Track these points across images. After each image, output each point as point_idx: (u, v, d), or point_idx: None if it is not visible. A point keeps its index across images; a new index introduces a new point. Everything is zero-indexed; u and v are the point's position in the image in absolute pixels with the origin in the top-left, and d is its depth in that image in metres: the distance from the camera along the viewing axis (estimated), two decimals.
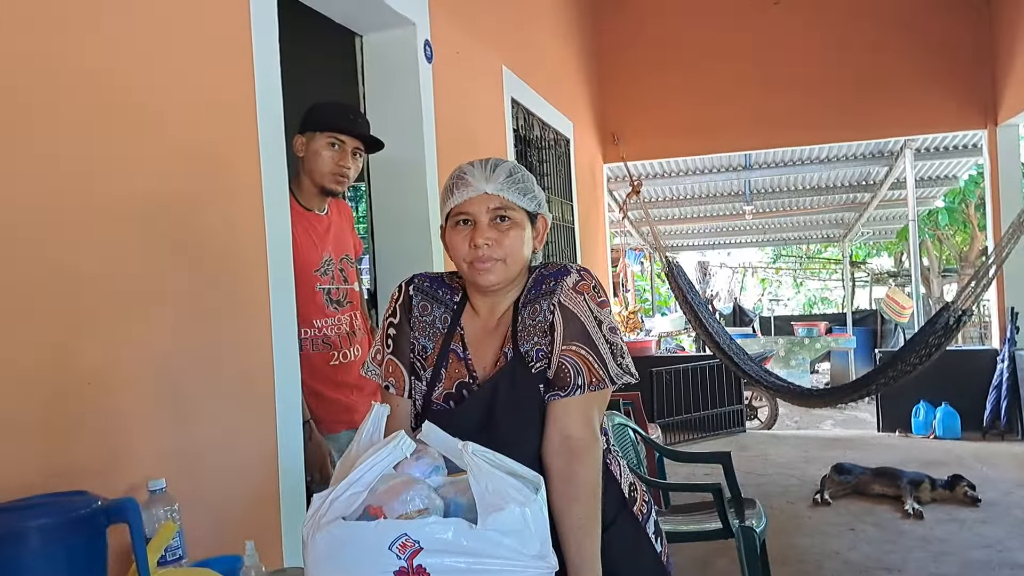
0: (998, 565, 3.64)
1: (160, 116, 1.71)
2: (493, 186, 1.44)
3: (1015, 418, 6.07)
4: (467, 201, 1.44)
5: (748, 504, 3.27)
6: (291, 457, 2.06)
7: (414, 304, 1.55)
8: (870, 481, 4.79)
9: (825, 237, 12.14)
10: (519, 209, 1.46)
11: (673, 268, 6.22)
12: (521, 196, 1.46)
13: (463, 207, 1.45)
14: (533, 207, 1.49)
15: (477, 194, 1.44)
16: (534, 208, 1.49)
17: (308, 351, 2.26)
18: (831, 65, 6.40)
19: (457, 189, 1.45)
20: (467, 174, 1.45)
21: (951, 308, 4.64)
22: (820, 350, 9.82)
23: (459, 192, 1.45)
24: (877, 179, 8.77)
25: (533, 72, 4.70)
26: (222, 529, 1.80)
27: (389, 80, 3.04)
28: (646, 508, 1.56)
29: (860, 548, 3.94)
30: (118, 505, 1.26)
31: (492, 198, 1.44)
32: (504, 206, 1.45)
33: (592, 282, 1.48)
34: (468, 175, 1.45)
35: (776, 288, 19.51)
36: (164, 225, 1.71)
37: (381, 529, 1.02)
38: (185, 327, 1.75)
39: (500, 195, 1.44)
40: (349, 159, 2.33)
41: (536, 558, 1.05)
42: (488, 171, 1.45)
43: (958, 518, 4.32)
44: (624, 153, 6.80)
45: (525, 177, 1.48)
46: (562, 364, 1.41)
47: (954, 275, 12.63)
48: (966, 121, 6.36)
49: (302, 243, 2.24)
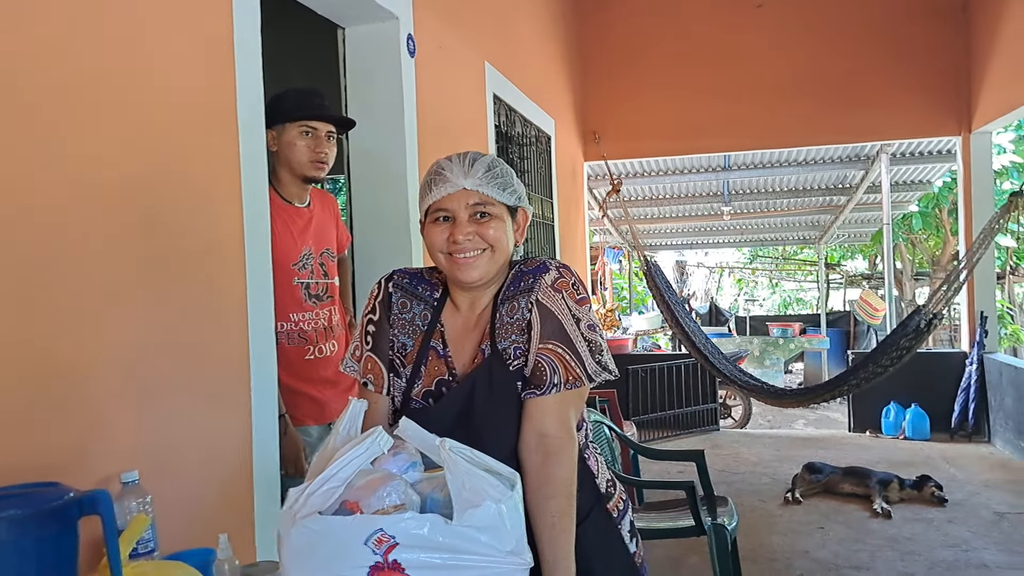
0: (964, 565, 3.71)
1: (136, 104, 1.69)
2: (472, 181, 1.42)
3: (982, 420, 6.18)
4: (446, 197, 1.43)
5: (720, 502, 3.31)
6: (266, 451, 2.05)
7: (394, 301, 1.54)
8: (840, 480, 4.86)
9: (801, 239, 12.25)
10: (498, 204, 1.45)
11: (651, 267, 6.25)
12: (500, 191, 1.45)
13: (442, 203, 1.44)
14: (513, 201, 1.48)
15: (456, 190, 1.42)
16: (514, 202, 1.49)
17: (284, 345, 2.25)
18: (811, 69, 6.47)
19: (435, 185, 1.44)
20: (445, 169, 1.44)
21: (922, 311, 4.70)
22: (794, 351, 9.92)
23: (437, 188, 1.43)
24: (853, 182, 8.86)
25: (515, 69, 4.71)
26: (195, 522, 1.79)
27: (371, 74, 3.02)
28: (622, 505, 1.58)
29: (829, 547, 4.00)
30: (90, 497, 1.25)
31: (471, 194, 1.43)
32: (483, 201, 1.44)
33: (571, 279, 1.48)
34: (446, 170, 1.43)
35: (752, 289, 19.66)
36: (139, 217, 1.69)
37: (357, 524, 1.02)
38: (160, 320, 1.74)
39: (479, 190, 1.43)
40: (324, 144, 2.33)
41: (511, 554, 1.06)
42: (466, 166, 1.43)
43: (925, 518, 4.39)
44: (605, 151, 6.82)
45: (504, 171, 1.47)
46: (538, 362, 1.41)
47: (926, 279, 12.78)
48: (941, 127, 6.45)
49: (281, 236, 2.23)
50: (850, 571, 3.68)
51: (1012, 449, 5.69)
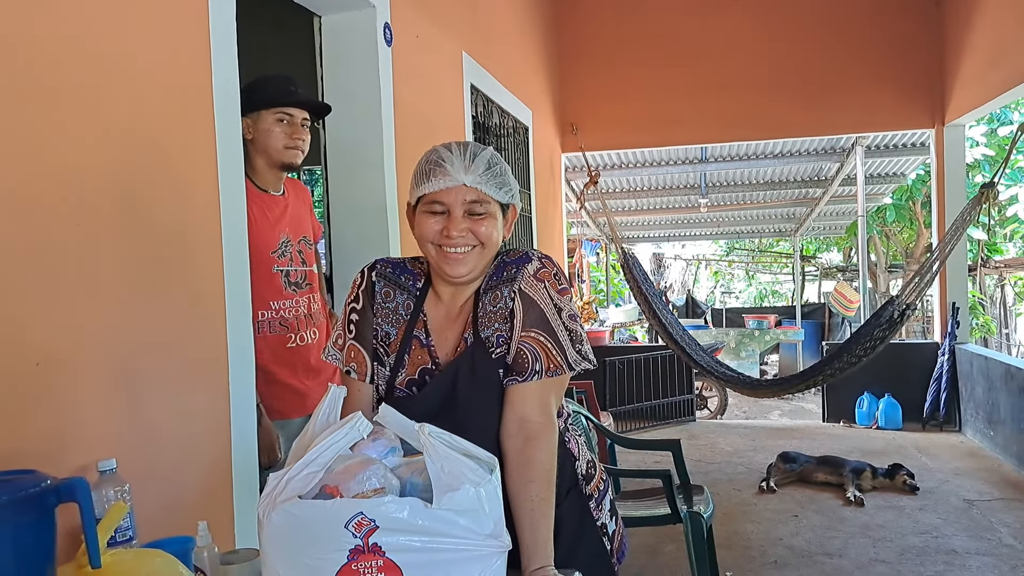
0: (934, 551, 3.78)
1: (111, 92, 1.68)
2: (472, 178, 1.41)
3: (953, 410, 6.28)
4: (443, 191, 1.41)
5: (696, 491, 3.34)
6: (244, 438, 2.05)
7: (377, 290, 1.54)
8: (814, 469, 4.93)
9: (777, 231, 12.36)
10: (494, 201, 1.45)
11: (628, 259, 6.28)
12: (497, 189, 1.45)
13: (438, 195, 1.42)
14: (507, 199, 1.48)
15: (455, 184, 1.41)
16: (507, 200, 1.49)
17: (265, 333, 2.25)
18: (787, 62, 6.53)
19: (434, 176, 1.41)
20: (445, 161, 1.41)
21: (895, 302, 4.77)
22: (769, 342, 10.02)
23: (436, 180, 1.41)
24: (828, 175, 8.95)
25: (493, 59, 4.70)
26: (174, 510, 1.78)
27: (348, 62, 3.00)
28: (603, 486, 1.61)
29: (803, 534, 4.05)
30: (67, 485, 1.24)
31: (469, 191, 1.41)
32: (480, 199, 1.43)
33: (553, 269, 1.49)
34: (446, 163, 1.41)
35: (729, 281, 19.82)
36: (115, 204, 1.67)
37: (337, 508, 1.03)
38: (137, 307, 1.73)
39: (477, 188, 1.42)
40: (300, 131, 2.32)
41: (490, 537, 1.07)
42: (467, 160, 1.42)
43: (897, 505, 4.46)
44: (582, 143, 6.84)
45: (503, 169, 1.47)
46: (520, 350, 1.43)
47: (900, 271, 12.95)
48: (915, 120, 6.53)
49: (259, 224, 2.22)
50: (823, 558, 3.74)
51: (982, 438, 5.79)
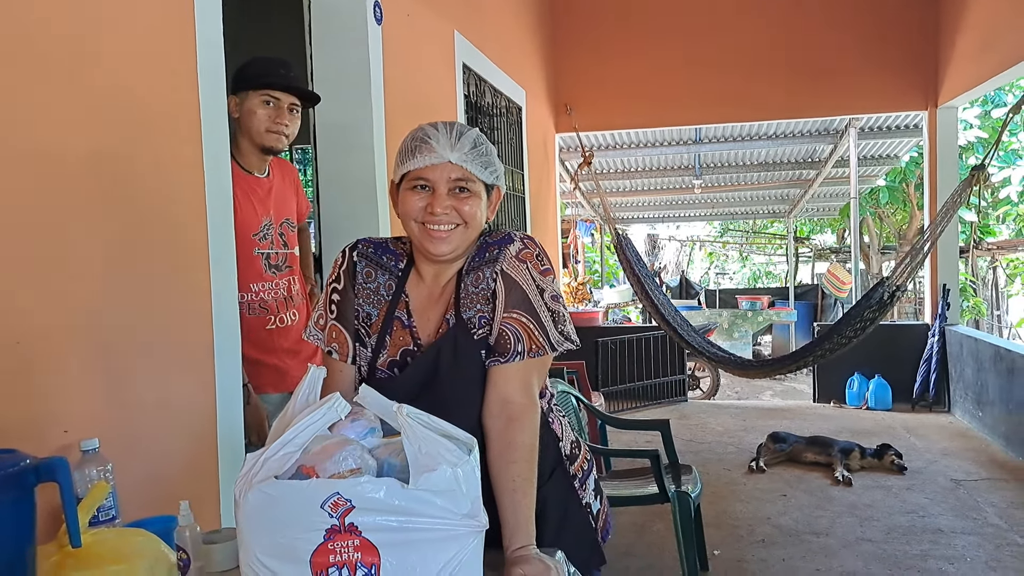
0: (920, 530, 3.82)
1: (92, 68, 1.66)
2: (457, 155, 1.41)
3: (943, 390, 6.32)
4: (428, 168, 1.41)
5: (685, 470, 3.36)
6: (230, 419, 2.05)
7: (358, 270, 1.54)
8: (803, 449, 4.96)
9: (771, 212, 12.35)
10: (478, 180, 1.45)
11: (622, 240, 6.28)
12: (483, 168, 1.45)
13: (423, 172, 1.42)
14: (492, 179, 1.48)
15: (440, 162, 1.41)
16: (492, 180, 1.49)
17: (245, 315, 2.24)
18: (781, 43, 6.50)
19: (419, 152, 1.41)
20: (431, 138, 1.41)
21: (886, 284, 4.78)
22: (762, 323, 10.04)
23: (421, 156, 1.41)
24: (822, 156, 8.94)
25: (485, 38, 4.67)
26: (160, 490, 1.79)
27: (337, 41, 2.98)
28: (587, 466, 1.61)
29: (791, 513, 4.09)
30: (47, 464, 1.24)
31: (454, 168, 1.42)
32: (465, 177, 1.43)
33: (535, 250, 1.49)
34: (432, 140, 1.41)
35: (723, 262, 19.83)
36: (98, 182, 1.66)
37: (313, 488, 1.03)
38: (121, 286, 1.72)
39: (463, 166, 1.42)
40: (286, 115, 2.29)
41: (467, 517, 1.07)
42: (453, 138, 1.42)
43: (884, 485, 4.50)
44: (576, 123, 6.81)
45: (488, 149, 1.47)
46: (503, 331, 1.43)
47: (893, 252, 12.96)
48: (908, 102, 6.52)
49: (242, 207, 2.21)
50: (810, 536, 3.77)
51: (971, 419, 5.83)
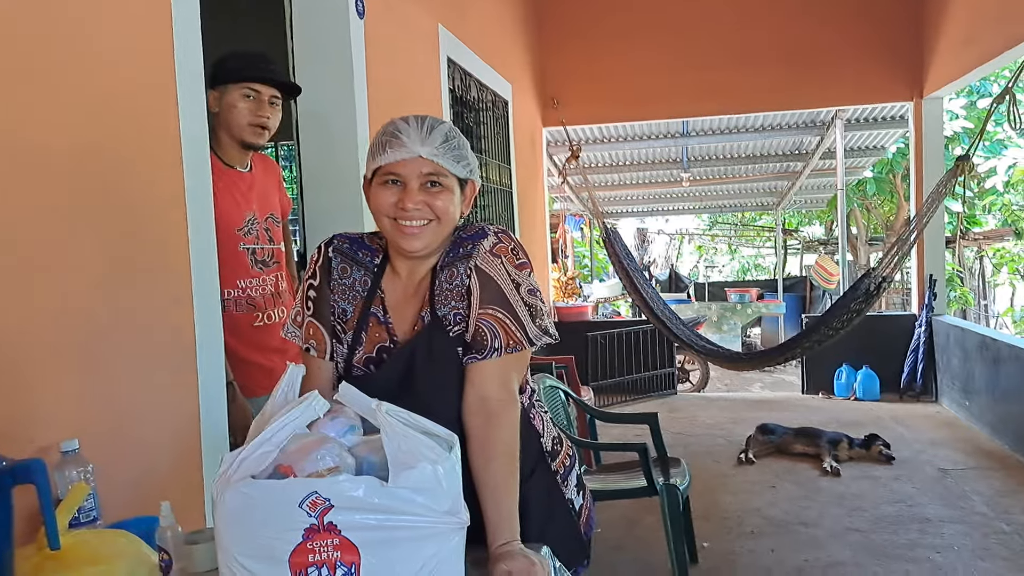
0: (907, 519, 3.84)
1: (69, 64, 1.64)
2: (428, 150, 1.39)
3: (930, 380, 6.35)
4: (399, 162, 1.40)
5: (673, 463, 3.37)
6: (214, 418, 2.04)
7: (333, 266, 1.52)
8: (792, 441, 4.97)
9: (759, 205, 12.38)
10: (451, 175, 1.43)
11: (610, 234, 6.28)
12: (455, 163, 1.43)
13: (394, 167, 1.40)
14: (465, 173, 1.46)
15: (410, 156, 1.39)
16: (466, 174, 1.47)
17: (232, 312, 2.22)
18: (767, 35, 6.50)
19: (390, 147, 1.40)
20: (402, 133, 1.40)
21: (872, 275, 4.79)
22: (751, 316, 10.07)
23: (391, 151, 1.40)
24: (809, 148, 8.96)
25: (470, 32, 4.64)
26: (143, 491, 1.77)
27: (319, 34, 2.95)
28: (569, 461, 1.60)
29: (780, 504, 4.10)
30: (23, 466, 1.23)
31: (425, 163, 1.40)
32: (437, 172, 1.41)
33: (510, 244, 1.47)
34: (403, 134, 1.40)
35: (712, 255, 19.87)
36: (76, 179, 1.64)
37: (291, 487, 1.02)
38: (100, 285, 1.70)
39: (434, 160, 1.40)
40: (267, 108, 2.27)
41: (447, 514, 1.07)
42: (424, 133, 1.40)
43: (872, 475, 4.52)
44: (563, 117, 6.79)
45: (461, 143, 1.45)
46: (479, 328, 1.42)
47: (881, 243, 13.01)
48: (894, 93, 6.54)
49: (224, 201, 2.18)
50: (799, 527, 3.78)
51: (958, 408, 5.86)
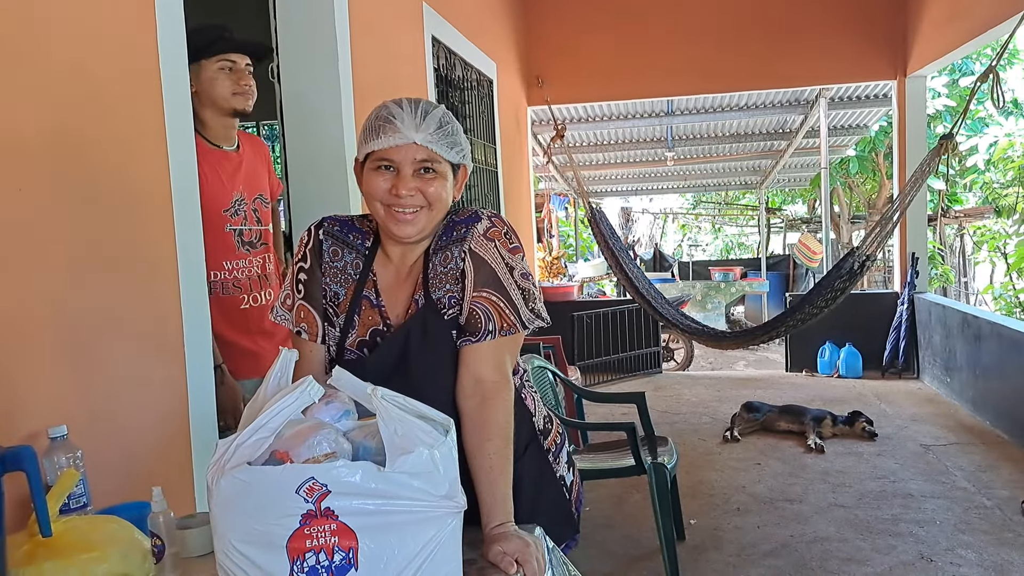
0: (891, 494, 3.89)
1: (42, 43, 1.60)
2: (422, 136, 1.38)
3: (912, 357, 6.42)
4: (393, 148, 1.38)
5: (660, 442, 3.38)
6: (202, 402, 2.02)
7: (324, 249, 1.51)
8: (776, 418, 5.02)
9: (743, 184, 12.41)
10: (444, 161, 1.42)
11: (595, 214, 6.27)
12: (449, 149, 1.42)
13: (387, 153, 1.39)
14: (458, 159, 1.45)
15: (405, 142, 1.38)
16: (459, 160, 1.46)
17: (218, 294, 2.20)
18: (752, 14, 6.49)
19: (384, 133, 1.38)
20: (396, 118, 1.38)
21: (856, 253, 4.81)
22: (735, 294, 10.12)
23: (385, 136, 1.38)
24: (793, 127, 8.98)
25: (455, 10, 4.60)
26: (132, 476, 1.76)
27: (302, 14, 2.90)
28: (559, 439, 1.62)
29: (765, 481, 4.14)
30: (13, 453, 1.21)
31: (419, 149, 1.38)
32: (430, 158, 1.40)
33: (503, 228, 1.47)
34: (396, 119, 1.38)
35: (696, 234, 19.93)
36: (57, 162, 1.61)
37: (287, 473, 1.01)
38: (85, 270, 1.68)
39: (428, 147, 1.39)
40: (246, 76, 2.27)
41: (444, 498, 1.07)
42: (418, 119, 1.38)
43: (856, 452, 4.57)
44: (548, 96, 6.76)
45: (455, 128, 1.44)
46: (473, 310, 1.42)
47: (863, 222, 13.09)
48: (877, 71, 6.55)
49: (210, 182, 2.16)
50: (784, 503, 3.83)
51: (939, 385, 5.93)
